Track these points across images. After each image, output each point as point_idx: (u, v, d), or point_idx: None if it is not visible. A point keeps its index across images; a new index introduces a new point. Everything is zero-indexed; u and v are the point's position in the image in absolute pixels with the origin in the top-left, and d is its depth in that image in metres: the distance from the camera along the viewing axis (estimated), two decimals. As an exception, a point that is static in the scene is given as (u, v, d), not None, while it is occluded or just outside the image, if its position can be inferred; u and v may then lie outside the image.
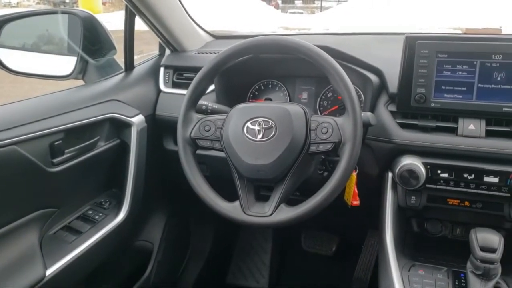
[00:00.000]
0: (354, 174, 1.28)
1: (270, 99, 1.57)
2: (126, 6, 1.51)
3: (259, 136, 1.16)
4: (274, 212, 1.13)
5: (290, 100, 1.55)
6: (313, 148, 1.15)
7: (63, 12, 1.59)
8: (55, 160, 1.25)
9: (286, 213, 1.12)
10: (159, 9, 1.50)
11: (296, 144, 1.14)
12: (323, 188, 1.11)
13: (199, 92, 1.26)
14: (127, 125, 1.48)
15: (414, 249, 1.35)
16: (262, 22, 10.57)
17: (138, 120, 1.50)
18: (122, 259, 1.66)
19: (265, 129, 1.16)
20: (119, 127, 1.48)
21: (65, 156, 1.28)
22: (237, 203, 1.17)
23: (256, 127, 1.16)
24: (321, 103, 1.52)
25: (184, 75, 1.63)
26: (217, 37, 1.87)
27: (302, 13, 21.16)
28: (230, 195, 1.20)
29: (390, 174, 1.29)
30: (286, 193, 1.16)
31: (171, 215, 1.87)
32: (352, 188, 1.29)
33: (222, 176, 1.30)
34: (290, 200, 1.17)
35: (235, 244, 2.16)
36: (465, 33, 1.22)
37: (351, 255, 1.97)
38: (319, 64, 1.15)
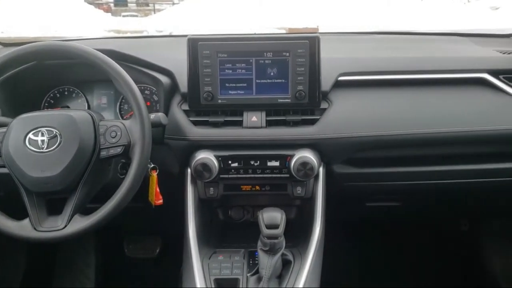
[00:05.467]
0: (155, 175, 1.30)
1: (68, 107, 1.50)
2: None
3: (44, 147, 1.11)
4: (67, 224, 1.11)
5: (88, 107, 1.51)
6: (103, 153, 1.15)
7: None
8: None
9: (80, 224, 1.11)
10: None
11: (85, 151, 1.12)
12: (117, 192, 1.12)
13: None
14: None
15: (220, 237, 1.43)
16: (89, 26, 10.03)
17: None
18: None
19: (49, 138, 1.12)
20: None
21: None
22: (26, 220, 1.12)
23: (39, 138, 1.12)
24: (122, 106, 1.51)
25: None
26: (5, 44, 1.71)
27: (136, 15, 20.71)
28: None
29: (189, 170, 1.35)
30: (81, 202, 1.14)
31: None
32: (154, 189, 1.31)
33: (17, 194, 1.21)
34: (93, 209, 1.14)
35: (54, 264, 2.02)
36: (242, 34, 1.34)
37: (176, 254, 2.01)
38: (101, 68, 1.16)
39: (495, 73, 1.42)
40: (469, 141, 1.38)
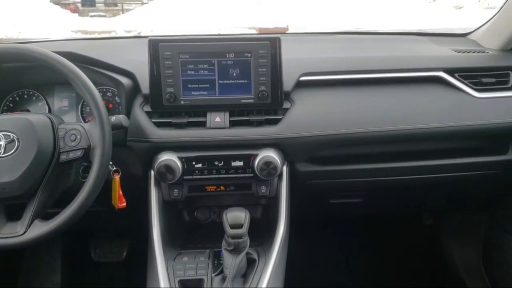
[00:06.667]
0: (117, 177, 1.29)
1: (28, 111, 1.47)
2: None
3: (1, 152, 1.10)
4: (27, 230, 1.09)
5: (49, 110, 1.48)
6: (63, 157, 1.14)
7: None
8: None
9: (41, 229, 1.09)
10: None
11: (44, 155, 1.11)
12: (78, 197, 1.11)
13: None
14: None
15: (186, 238, 1.43)
16: (55, 27, 9.80)
17: None
18: None
19: (7, 143, 1.11)
20: None
21: None
22: None
23: None
24: (84, 109, 1.49)
25: None
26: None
27: (104, 16, 20.31)
28: None
29: (152, 172, 1.34)
30: (41, 207, 1.13)
31: None
32: (117, 192, 1.30)
33: None
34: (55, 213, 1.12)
35: (18, 271, 1.97)
36: (204, 34, 1.34)
37: (144, 255, 1.99)
38: (60, 70, 1.15)
39: (450, 71, 1.48)
40: (427, 138, 1.42)
